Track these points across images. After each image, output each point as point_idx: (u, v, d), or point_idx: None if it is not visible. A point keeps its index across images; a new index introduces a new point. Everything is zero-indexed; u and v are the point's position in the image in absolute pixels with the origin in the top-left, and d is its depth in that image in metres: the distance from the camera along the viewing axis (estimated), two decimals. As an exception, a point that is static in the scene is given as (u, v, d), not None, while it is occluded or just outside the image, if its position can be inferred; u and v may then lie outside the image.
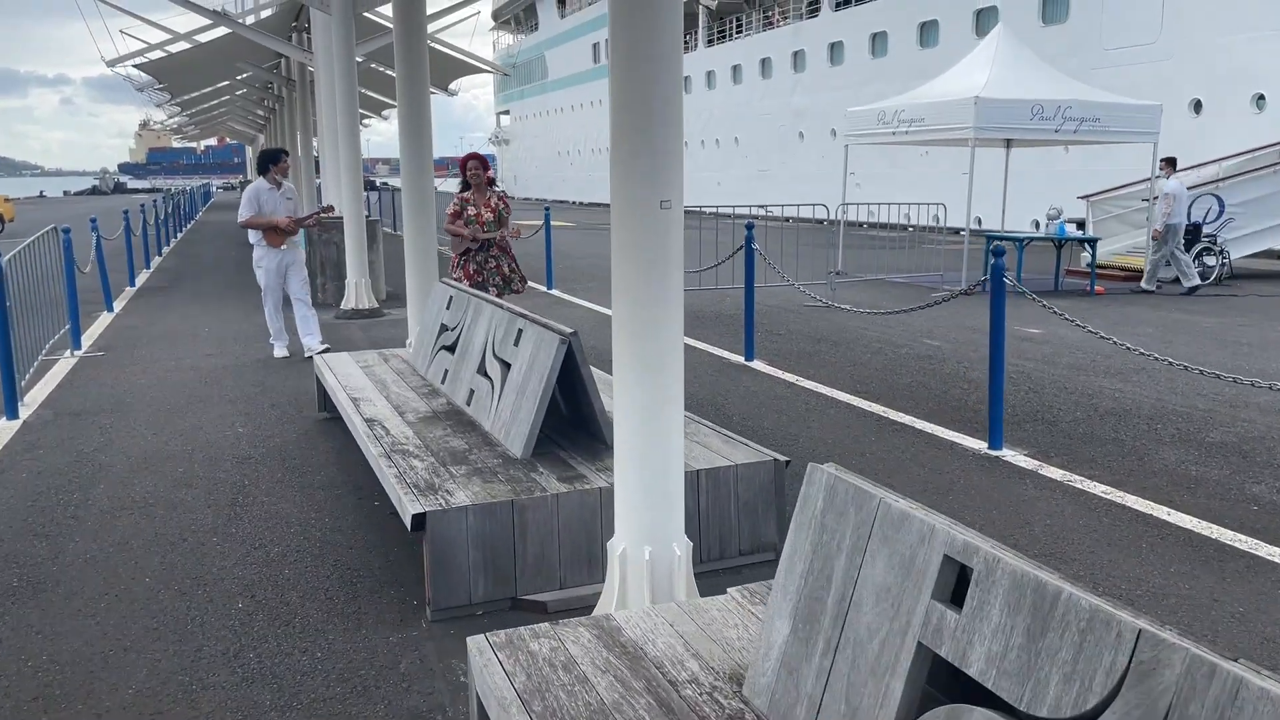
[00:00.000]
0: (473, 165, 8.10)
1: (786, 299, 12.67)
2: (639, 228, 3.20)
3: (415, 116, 7.21)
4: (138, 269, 16.89)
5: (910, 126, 14.58)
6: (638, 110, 3.12)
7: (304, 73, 18.19)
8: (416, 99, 7.20)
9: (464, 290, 5.85)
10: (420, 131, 7.23)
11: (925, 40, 31.76)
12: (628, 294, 3.26)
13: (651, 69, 3.10)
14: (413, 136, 7.22)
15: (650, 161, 3.15)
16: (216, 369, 8.64)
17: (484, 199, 8.05)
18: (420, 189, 7.23)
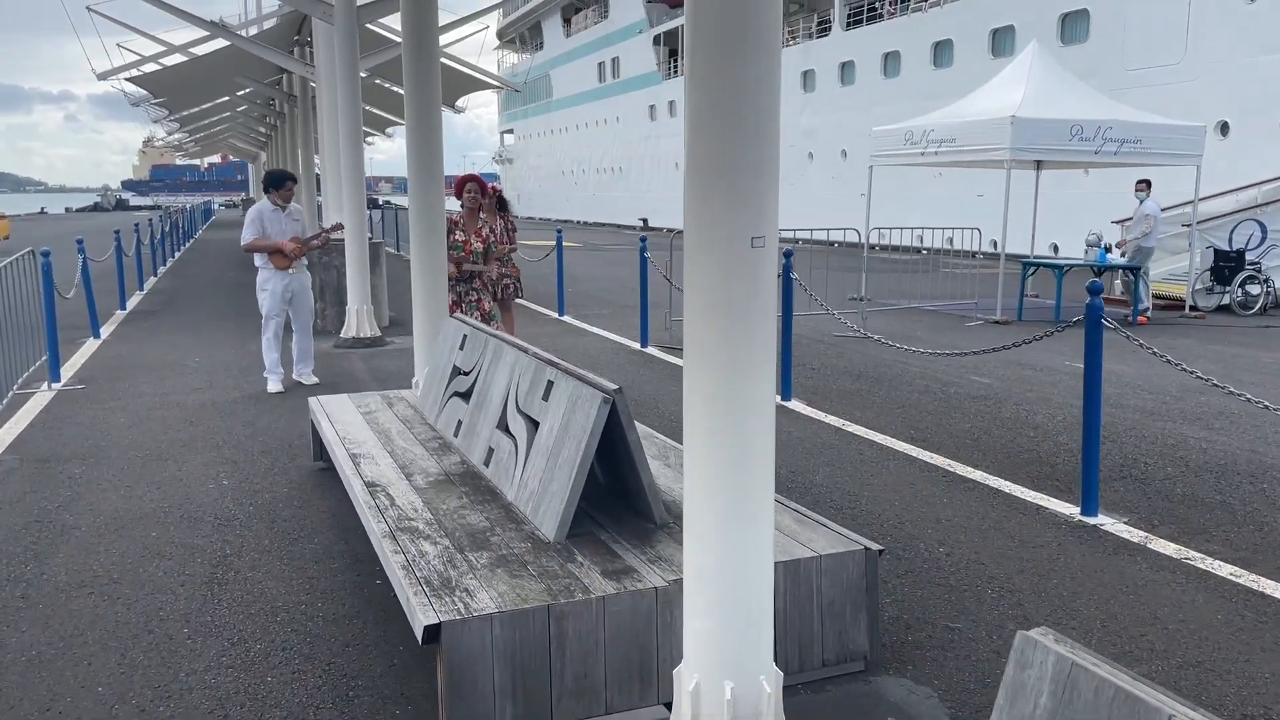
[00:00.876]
0: (470, 188, 7.43)
1: (814, 328, 11.95)
2: (722, 270, 2.48)
3: (425, 131, 6.51)
4: (130, 291, 16.20)
5: (941, 147, 13.91)
6: (725, 120, 2.41)
7: (305, 88, 17.56)
8: (426, 113, 6.50)
9: (480, 329, 5.13)
10: (430, 148, 6.53)
11: (939, 60, 31.21)
12: (706, 352, 2.54)
13: (745, 69, 2.39)
14: (422, 153, 6.52)
15: (739, 186, 2.44)
16: (204, 406, 7.92)
17: (474, 226, 7.39)
18: (429, 211, 6.53)
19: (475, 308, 7.47)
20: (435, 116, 6.58)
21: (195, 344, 11.13)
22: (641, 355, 10.19)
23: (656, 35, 51.09)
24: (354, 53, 10.39)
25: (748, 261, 2.46)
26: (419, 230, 6.58)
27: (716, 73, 2.41)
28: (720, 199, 2.45)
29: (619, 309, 14.26)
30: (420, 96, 6.50)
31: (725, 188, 2.44)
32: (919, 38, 31.55)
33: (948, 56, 30.77)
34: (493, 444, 4.33)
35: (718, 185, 2.44)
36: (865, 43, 34.45)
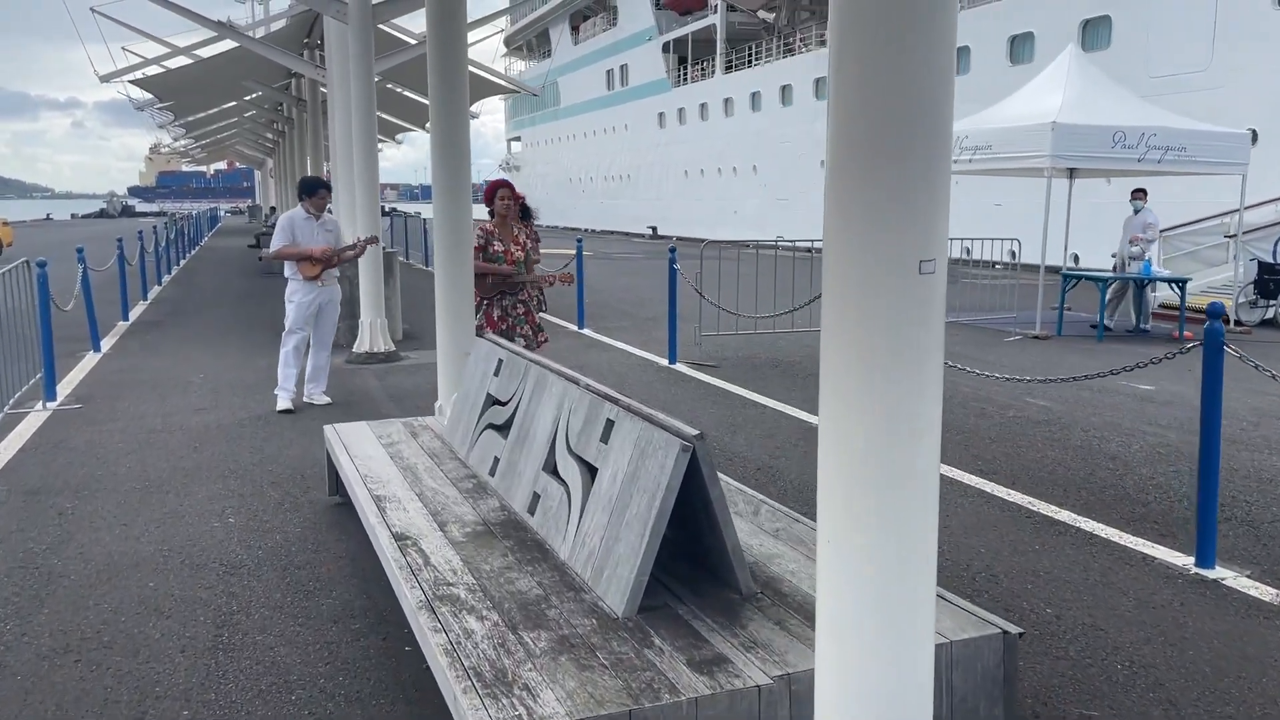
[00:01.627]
0: (503, 194, 6.89)
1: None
2: (880, 302, 1.93)
3: (451, 133, 5.97)
4: (134, 301, 15.70)
5: (975, 154, 13.35)
6: (884, 118, 1.86)
7: (315, 92, 17.07)
8: (453, 114, 5.96)
9: (519, 353, 4.57)
10: (457, 152, 6.00)
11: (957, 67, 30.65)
12: (856, 404, 1.99)
13: (912, 53, 1.85)
14: (448, 159, 5.98)
15: (903, 198, 1.89)
16: (209, 429, 7.37)
17: (511, 234, 6.84)
18: (456, 221, 5.99)
19: (524, 320, 6.90)
20: (462, 117, 6.05)
21: (200, 358, 10.60)
22: (670, 373, 9.64)
23: (666, 42, 50.69)
24: (369, 53, 9.87)
25: (914, 291, 1.91)
26: (446, 242, 6.03)
27: (873, 58, 1.87)
28: (876, 214, 1.90)
29: (640, 322, 13.72)
30: (447, 96, 5.96)
31: (883, 200, 1.89)
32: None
33: (965, 63, 30.23)
34: (538, 489, 3.77)
35: (873, 197, 1.90)
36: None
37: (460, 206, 6.05)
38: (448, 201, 6.02)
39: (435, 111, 5.98)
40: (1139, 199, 13.00)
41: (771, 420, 7.54)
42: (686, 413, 7.77)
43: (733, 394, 8.53)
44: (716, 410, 7.87)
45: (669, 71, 50.93)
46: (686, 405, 8.08)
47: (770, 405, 8.07)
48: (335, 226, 8.14)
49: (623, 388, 8.70)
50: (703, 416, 7.64)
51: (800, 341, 11.31)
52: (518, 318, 6.92)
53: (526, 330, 6.88)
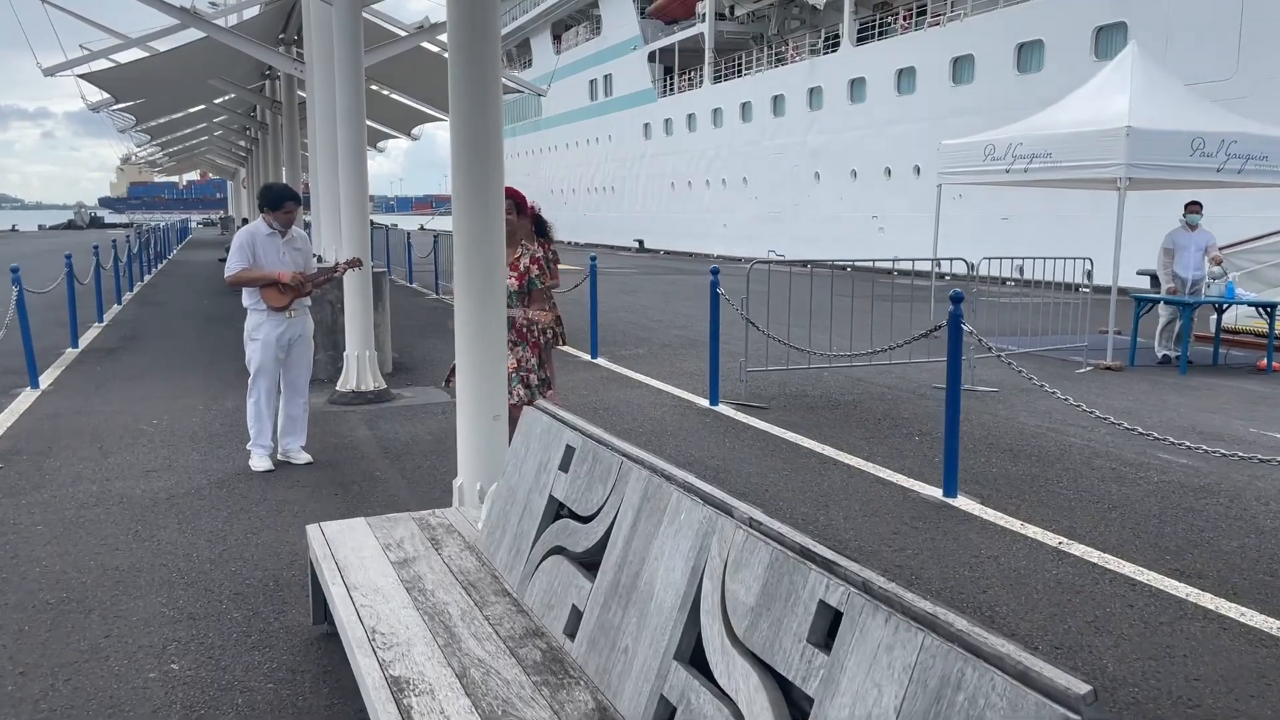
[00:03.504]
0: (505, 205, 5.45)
1: (902, 377, 9.97)
2: None
3: (480, 131, 4.48)
4: (88, 323, 14.05)
5: (1031, 163, 12.02)
6: None
7: (292, 94, 15.52)
8: (483, 107, 4.47)
9: (603, 439, 3.08)
10: (487, 154, 4.51)
11: (960, 76, 29.53)
12: None
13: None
14: (476, 162, 4.49)
15: None
16: (158, 501, 5.82)
17: (514, 255, 5.43)
18: (484, 243, 4.49)
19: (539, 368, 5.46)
20: (494, 110, 4.56)
21: (156, 397, 9.02)
22: (715, 418, 8.16)
23: (651, 52, 49.42)
24: (357, 41, 8.37)
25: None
26: (471, 271, 4.54)
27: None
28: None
29: (657, 349, 12.25)
30: (475, 84, 4.47)
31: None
32: (936, 53, 29.86)
33: (968, 73, 29.10)
34: (670, 693, 2.28)
35: None
36: (878, 59, 32.76)
37: (490, 225, 4.56)
38: (474, 218, 4.52)
39: (461, 104, 4.48)
40: (1194, 212, 11.65)
41: (866, 488, 6.07)
42: (755, 476, 6.30)
43: (800, 447, 7.07)
44: (791, 472, 6.40)
45: (654, 81, 49.71)
46: (751, 465, 6.60)
47: (853, 464, 6.60)
48: (306, 244, 6.64)
49: (663, 437, 7.23)
50: (778, 482, 6.17)
51: (849, 375, 9.88)
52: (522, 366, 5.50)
53: (533, 381, 5.42)
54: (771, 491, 5.95)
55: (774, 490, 5.98)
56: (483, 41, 4.46)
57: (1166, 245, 11.75)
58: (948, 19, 30.24)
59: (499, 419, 4.65)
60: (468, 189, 4.50)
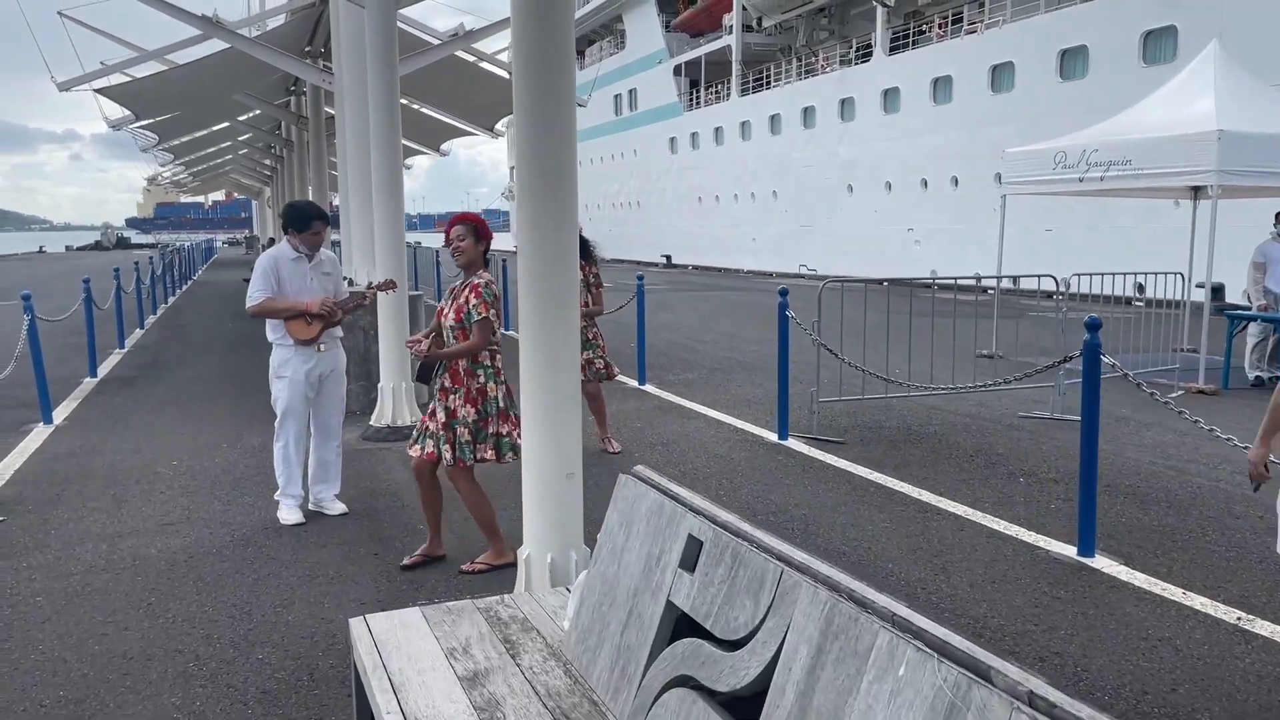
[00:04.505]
0: (458, 232, 4.86)
1: (980, 404, 9.15)
2: None
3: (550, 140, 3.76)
4: (108, 350, 13.48)
5: (1108, 171, 11.19)
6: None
7: (319, 106, 14.95)
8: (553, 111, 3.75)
9: (743, 533, 2.33)
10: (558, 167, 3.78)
11: (999, 84, 28.69)
12: None
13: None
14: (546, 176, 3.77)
15: None
16: (175, 563, 5.12)
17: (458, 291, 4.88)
18: (558, 271, 3.76)
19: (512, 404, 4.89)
20: (567, 114, 3.83)
21: (177, 433, 8.36)
22: (786, 454, 7.38)
23: (677, 65, 48.84)
24: (391, 48, 7.71)
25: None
26: (540, 302, 3.81)
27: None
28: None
29: (706, 373, 11.50)
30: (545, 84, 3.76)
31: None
32: (974, 61, 29.04)
33: (1008, 80, 28.25)
34: None
35: None
36: (912, 68, 31.97)
37: (563, 255, 3.82)
38: (544, 247, 3.79)
39: (529, 107, 3.76)
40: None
41: (982, 544, 5.28)
42: (849, 528, 5.52)
43: (893, 491, 6.28)
44: (890, 523, 5.62)
45: (680, 95, 49.17)
46: (843, 514, 5.82)
47: (959, 513, 5.81)
48: (336, 267, 5.95)
49: (736, 479, 6.47)
50: (879, 537, 5.38)
51: (922, 404, 9.08)
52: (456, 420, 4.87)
53: (463, 438, 4.85)
54: (874, 549, 5.17)
55: (876, 548, 5.20)
56: (555, 44, 3.74)
57: (1256, 259, 10.87)
58: (985, 26, 29.43)
59: (573, 477, 3.92)
60: (536, 215, 3.78)
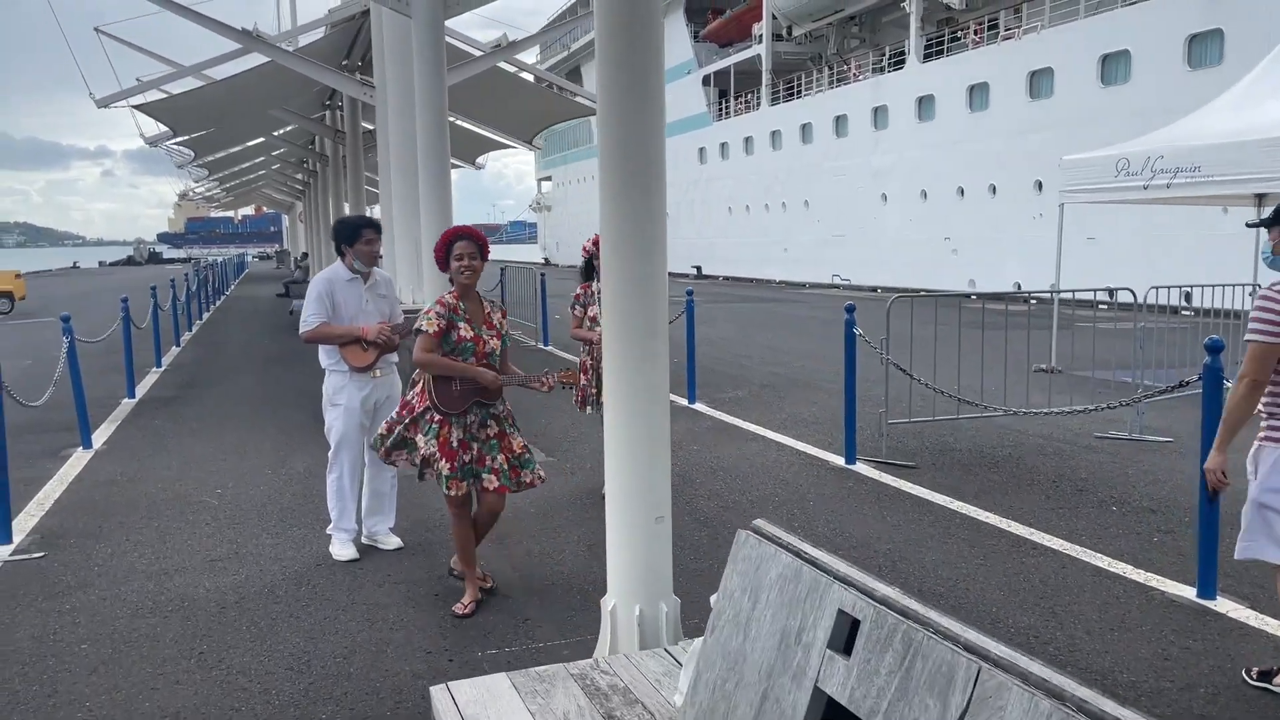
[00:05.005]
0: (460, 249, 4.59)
1: (1051, 423, 8.71)
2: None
3: (638, 142, 3.45)
4: (145, 369, 13.31)
5: (1175, 178, 10.74)
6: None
7: (356, 121, 14.77)
8: (642, 112, 3.44)
9: (920, 618, 1.98)
10: (646, 169, 3.46)
11: (1037, 91, 28.18)
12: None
13: None
14: (634, 184, 3.46)
15: None
16: (225, 605, 4.82)
17: (483, 311, 4.58)
18: (648, 291, 3.45)
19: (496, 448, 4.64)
20: (655, 116, 3.51)
21: (219, 457, 8.10)
22: (856, 480, 7.00)
23: (706, 75, 48.59)
24: (439, 57, 7.44)
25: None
26: (628, 327, 3.49)
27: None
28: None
29: (756, 389, 11.13)
30: (633, 80, 3.44)
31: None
32: (1012, 67, 28.54)
33: (1047, 87, 27.72)
34: None
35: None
36: (948, 75, 31.49)
37: (652, 275, 3.50)
38: (632, 266, 3.47)
39: (614, 110, 3.44)
40: None
41: (1090, 584, 4.88)
42: (942, 566, 5.13)
43: (980, 523, 5.89)
44: (983, 560, 5.23)
45: (709, 105, 48.92)
46: (930, 550, 5.44)
47: (1056, 547, 5.41)
48: (391, 289, 5.66)
49: (806, 507, 6.11)
50: (976, 577, 5.00)
51: (990, 424, 8.66)
52: (487, 444, 4.56)
53: (500, 464, 4.52)
54: (973, 591, 4.79)
55: (976, 589, 4.82)
56: (642, 31, 3.42)
57: None
58: (1023, 31, 28.93)
59: (663, 520, 3.58)
60: (620, 233, 3.45)
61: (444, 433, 4.50)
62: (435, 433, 4.51)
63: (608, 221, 3.48)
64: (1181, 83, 23.31)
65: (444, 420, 4.51)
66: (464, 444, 4.51)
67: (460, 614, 4.60)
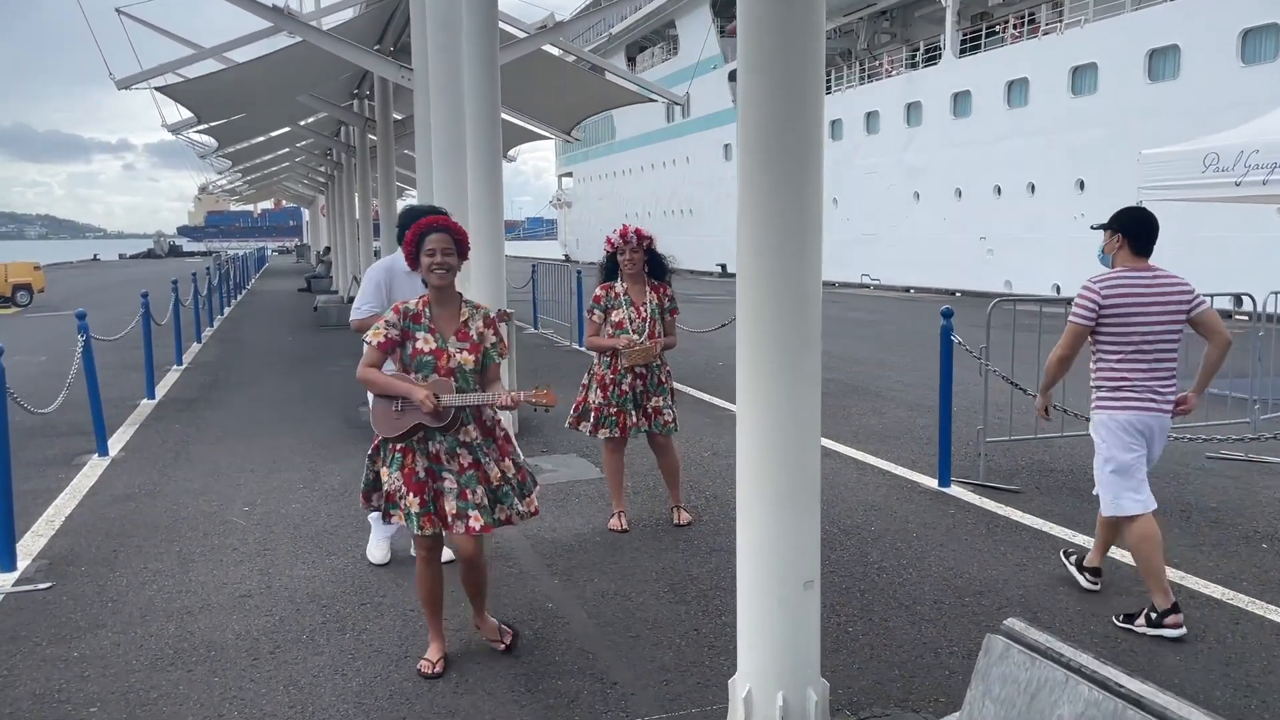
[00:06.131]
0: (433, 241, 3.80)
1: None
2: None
3: (791, 130, 2.72)
4: (164, 367, 12.69)
5: (1273, 173, 9.93)
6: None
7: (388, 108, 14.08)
8: (794, 105, 2.71)
9: None
10: (803, 162, 2.74)
11: (1079, 87, 27.28)
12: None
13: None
14: (785, 175, 2.74)
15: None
16: (257, 654, 4.13)
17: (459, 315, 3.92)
18: (798, 290, 2.74)
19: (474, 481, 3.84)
20: (813, 103, 2.78)
21: (246, 469, 7.43)
22: (957, 507, 6.25)
23: (732, 71, 47.83)
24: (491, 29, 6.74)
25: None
26: (774, 348, 2.78)
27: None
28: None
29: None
30: (787, 45, 2.71)
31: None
32: (1052, 63, 27.64)
33: (1090, 82, 26.81)
34: None
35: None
36: (985, 70, 30.59)
37: (805, 278, 2.77)
38: (779, 272, 2.75)
39: (758, 98, 2.72)
40: None
41: (1268, 639, 4.13)
42: (1091, 616, 4.38)
43: (1116, 562, 5.14)
44: (1138, 612, 4.48)
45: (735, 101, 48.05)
46: (1070, 595, 4.69)
47: (1213, 594, 4.65)
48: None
49: (909, 541, 5.38)
50: (1140, 635, 4.24)
51: (1085, 443, 7.84)
52: (463, 475, 3.80)
53: (482, 498, 3.77)
54: (1141, 652, 4.04)
55: (1143, 649, 4.06)
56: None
57: None
58: (1065, 25, 28.04)
59: (812, 586, 2.86)
60: (765, 235, 2.73)
61: (408, 462, 3.80)
62: (399, 463, 3.82)
63: (748, 226, 2.76)
64: (1235, 79, 22.43)
65: (405, 448, 3.81)
66: (432, 473, 3.80)
67: (427, 673, 3.91)
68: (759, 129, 2.71)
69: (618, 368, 5.64)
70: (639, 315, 5.66)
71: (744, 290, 2.81)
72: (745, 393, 2.84)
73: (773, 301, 2.74)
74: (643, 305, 5.69)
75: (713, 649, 4.13)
